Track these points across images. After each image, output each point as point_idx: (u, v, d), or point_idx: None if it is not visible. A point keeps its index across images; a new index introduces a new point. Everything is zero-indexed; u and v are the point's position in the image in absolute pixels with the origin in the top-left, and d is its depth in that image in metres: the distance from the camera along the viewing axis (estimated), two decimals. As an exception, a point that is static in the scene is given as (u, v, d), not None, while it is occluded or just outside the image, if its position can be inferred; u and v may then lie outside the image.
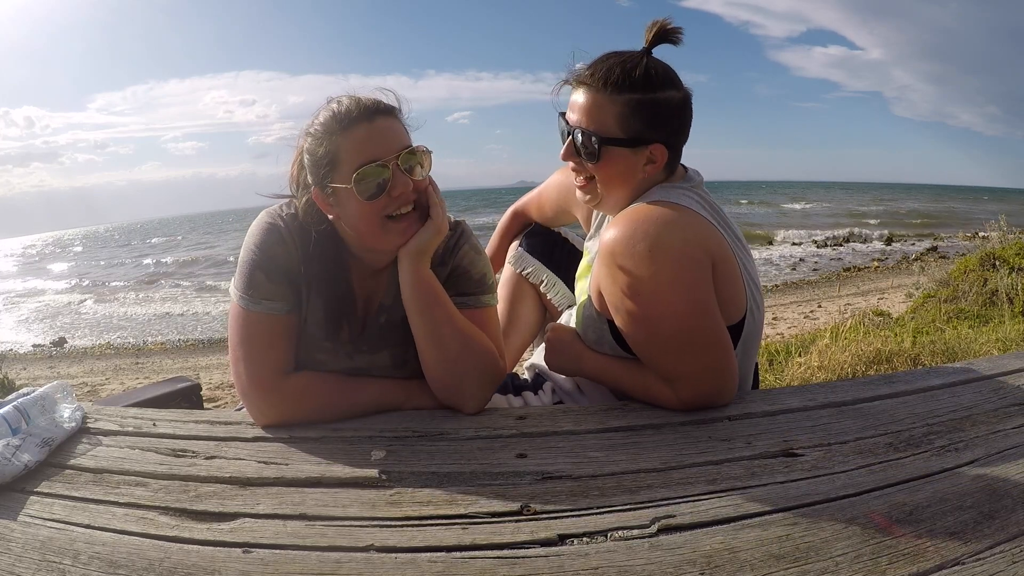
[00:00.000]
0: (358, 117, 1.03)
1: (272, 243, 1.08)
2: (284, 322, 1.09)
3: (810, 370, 2.85)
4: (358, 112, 1.03)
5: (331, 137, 1.03)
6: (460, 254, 1.19)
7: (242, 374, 1.08)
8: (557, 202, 1.58)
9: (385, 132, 1.04)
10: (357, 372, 1.17)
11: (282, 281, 1.08)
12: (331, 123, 1.03)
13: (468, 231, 1.23)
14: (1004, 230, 5.47)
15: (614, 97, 1.10)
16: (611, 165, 1.14)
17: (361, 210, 1.04)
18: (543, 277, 1.64)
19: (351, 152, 1.02)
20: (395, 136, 1.05)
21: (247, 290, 1.07)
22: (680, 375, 1.05)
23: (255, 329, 1.08)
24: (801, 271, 12.03)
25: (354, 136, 1.02)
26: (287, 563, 0.70)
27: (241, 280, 1.08)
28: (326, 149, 1.03)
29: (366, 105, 1.04)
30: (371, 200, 1.03)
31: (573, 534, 0.73)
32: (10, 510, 0.83)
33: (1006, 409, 1.04)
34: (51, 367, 7.15)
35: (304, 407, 1.10)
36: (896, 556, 0.66)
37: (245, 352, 1.08)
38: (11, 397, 1.10)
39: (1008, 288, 4.17)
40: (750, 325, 1.14)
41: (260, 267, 1.07)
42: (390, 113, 1.07)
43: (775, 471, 0.86)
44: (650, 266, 1.02)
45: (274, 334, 1.08)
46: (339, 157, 1.03)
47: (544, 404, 1.35)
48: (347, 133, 1.02)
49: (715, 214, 1.14)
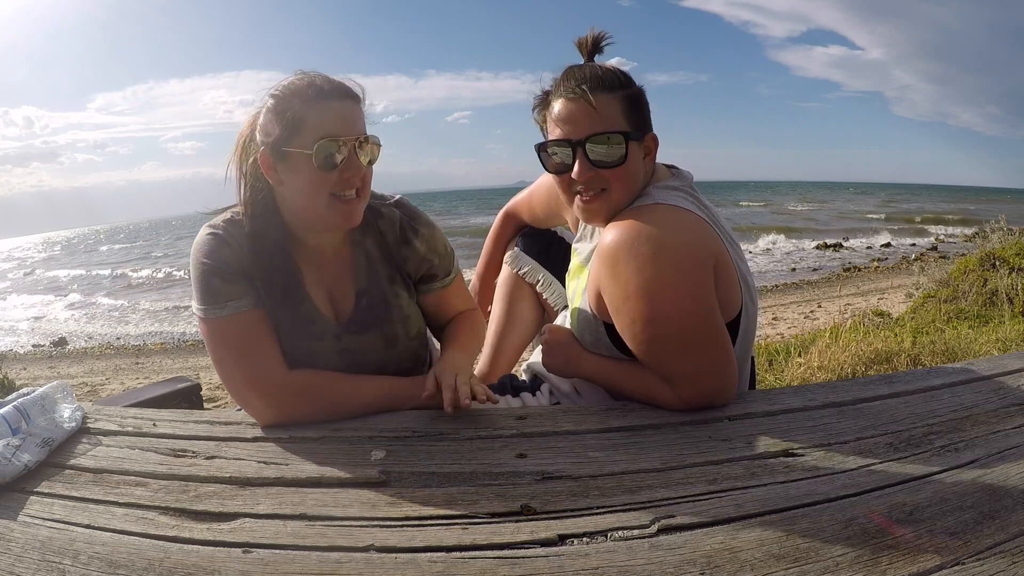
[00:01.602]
0: (331, 93, 1.07)
1: (217, 248, 1.09)
2: (255, 317, 1.10)
3: (810, 370, 2.85)
4: (331, 88, 1.07)
5: (302, 103, 1.05)
6: (420, 238, 1.23)
7: (234, 379, 1.09)
8: (548, 204, 1.58)
9: (350, 114, 1.08)
10: (348, 355, 1.19)
11: (238, 280, 1.09)
12: (305, 90, 1.06)
13: (411, 206, 1.26)
14: (1004, 230, 5.47)
15: (613, 95, 1.11)
16: (630, 163, 1.13)
17: (312, 179, 1.06)
18: (539, 276, 1.64)
19: (317, 122, 1.04)
20: (357, 121, 1.10)
21: (208, 299, 1.08)
22: (681, 375, 1.05)
23: (231, 333, 1.08)
24: (801, 271, 12.02)
25: (324, 108, 1.05)
26: (287, 563, 0.70)
27: (200, 293, 1.08)
28: (293, 113, 1.05)
29: (338, 85, 1.08)
30: (326, 172, 1.05)
31: (573, 534, 0.73)
32: (10, 510, 0.84)
33: (1006, 409, 1.04)
34: (51, 367, 7.14)
35: (308, 404, 1.10)
36: (896, 556, 0.66)
37: (230, 358, 1.09)
38: (11, 397, 1.10)
39: (1008, 288, 4.17)
40: (744, 323, 1.14)
41: (214, 273, 1.08)
42: (356, 100, 1.11)
43: (775, 471, 0.86)
44: (655, 267, 1.02)
45: (251, 332, 1.09)
46: (304, 123, 1.04)
47: (542, 405, 1.35)
48: (318, 103, 1.05)
49: (708, 214, 1.15)
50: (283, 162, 1.07)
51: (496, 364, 1.71)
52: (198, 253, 1.09)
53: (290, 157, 1.05)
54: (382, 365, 1.22)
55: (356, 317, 1.19)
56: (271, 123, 1.06)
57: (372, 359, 1.21)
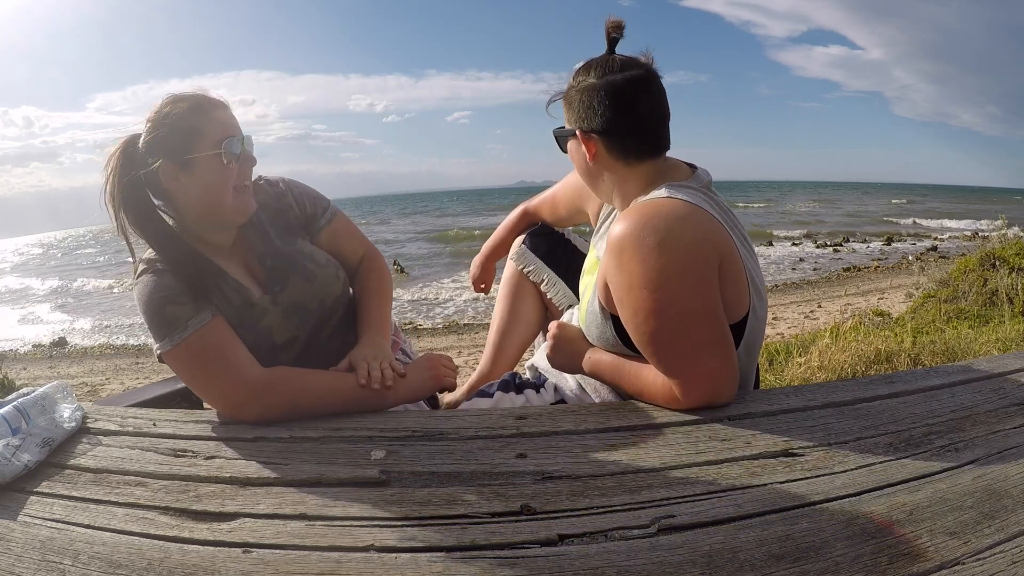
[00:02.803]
0: (217, 104, 1.21)
1: (158, 281, 1.14)
2: (218, 324, 1.14)
3: (810, 370, 2.85)
4: (216, 101, 1.22)
5: (197, 114, 1.17)
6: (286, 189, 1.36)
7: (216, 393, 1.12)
8: (572, 202, 1.59)
9: (234, 119, 1.23)
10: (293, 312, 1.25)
11: (189, 300, 1.13)
12: (199, 103, 1.19)
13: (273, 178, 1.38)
14: (1004, 230, 5.47)
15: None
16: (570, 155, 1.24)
17: (222, 176, 1.17)
18: (544, 276, 1.65)
19: (217, 126, 1.18)
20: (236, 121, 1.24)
21: (169, 328, 1.11)
22: (682, 372, 1.05)
23: (198, 346, 1.11)
24: (801, 271, 12.02)
25: (218, 116, 1.20)
26: (287, 563, 0.70)
27: (160, 329, 1.11)
28: (191, 123, 1.16)
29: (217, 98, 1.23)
30: (234, 165, 1.18)
31: (573, 534, 0.73)
32: (10, 510, 0.84)
33: (1006, 409, 1.04)
34: (51, 367, 7.15)
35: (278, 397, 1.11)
36: (896, 556, 0.66)
37: (206, 374, 1.12)
38: (11, 397, 1.10)
39: (1008, 288, 4.17)
40: (752, 324, 1.14)
41: (165, 302, 1.12)
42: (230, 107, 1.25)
43: (775, 471, 0.86)
44: (658, 259, 1.02)
45: (219, 339, 1.13)
46: (205, 130, 1.16)
47: (546, 403, 1.35)
48: (213, 112, 1.19)
49: (722, 212, 1.14)
50: (186, 169, 1.16)
51: (498, 362, 1.72)
52: (143, 294, 1.14)
53: (194, 163, 1.16)
54: (321, 302, 1.29)
55: (270, 275, 1.26)
56: (166, 139, 1.15)
57: (309, 302, 1.28)
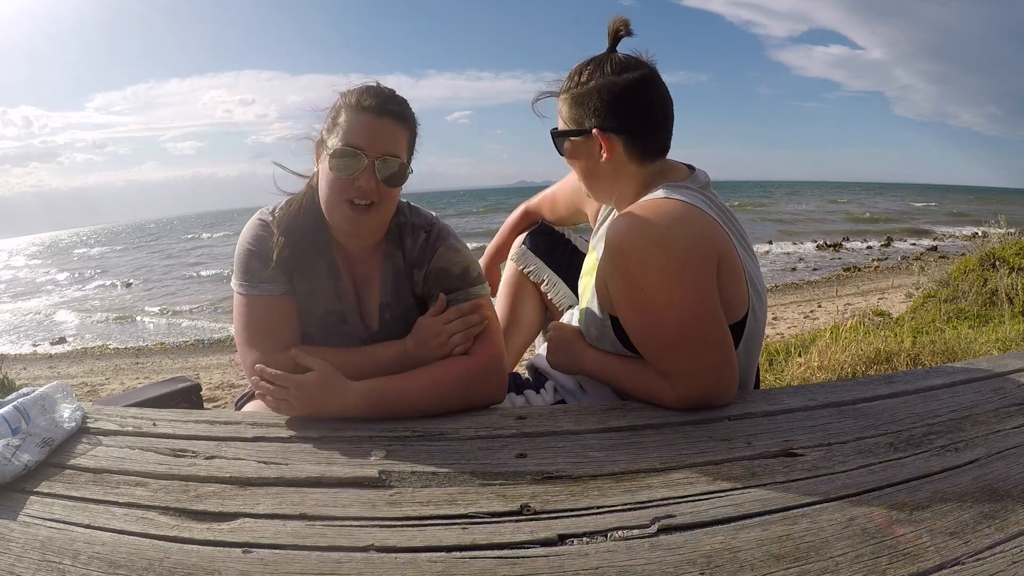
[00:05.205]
0: (372, 107, 1.12)
1: (262, 235, 1.17)
2: (282, 303, 1.16)
3: (810, 370, 2.85)
4: (376, 103, 1.13)
5: (348, 107, 1.13)
6: (436, 256, 1.24)
7: (248, 356, 1.14)
8: (571, 201, 1.59)
9: (382, 131, 1.12)
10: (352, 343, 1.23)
11: (275, 267, 1.16)
12: (359, 96, 1.13)
13: (443, 231, 1.26)
14: (1004, 230, 5.47)
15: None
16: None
17: (328, 178, 1.14)
18: (544, 276, 1.65)
19: (347, 128, 1.12)
20: (387, 139, 1.13)
21: (244, 277, 1.16)
22: (681, 372, 1.05)
23: (257, 312, 1.15)
24: (801, 271, 12.02)
25: (359, 118, 1.12)
26: (287, 563, 0.70)
27: (238, 270, 1.16)
28: (341, 113, 1.13)
29: (386, 101, 1.14)
30: (336, 175, 1.12)
31: (573, 534, 0.73)
32: (10, 510, 0.83)
33: (1006, 409, 1.04)
34: (51, 367, 7.14)
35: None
36: (896, 556, 0.66)
37: (249, 336, 1.15)
38: (11, 397, 1.10)
39: (1008, 288, 4.17)
40: (751, 324, 1.14)
41: (254, 255, 1.16)
42: (399, 120, 1.14)
43: (775, 471, 0.86)
44: (656, 259, 1.02)
45: (274, 316, 1.15)
46: (340, 126, 1.13)
47: (546, 403, 1.35)
48: (357, 111, 1.12)
49: (721, 213, 1.14)
50: (322, 151, 1.16)
51: None
52: (245, 235, 1.18)
53: (325, 150, 1.15)
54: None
55: (382, 328, 1.25)
56: (329, 114, 1.16)
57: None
